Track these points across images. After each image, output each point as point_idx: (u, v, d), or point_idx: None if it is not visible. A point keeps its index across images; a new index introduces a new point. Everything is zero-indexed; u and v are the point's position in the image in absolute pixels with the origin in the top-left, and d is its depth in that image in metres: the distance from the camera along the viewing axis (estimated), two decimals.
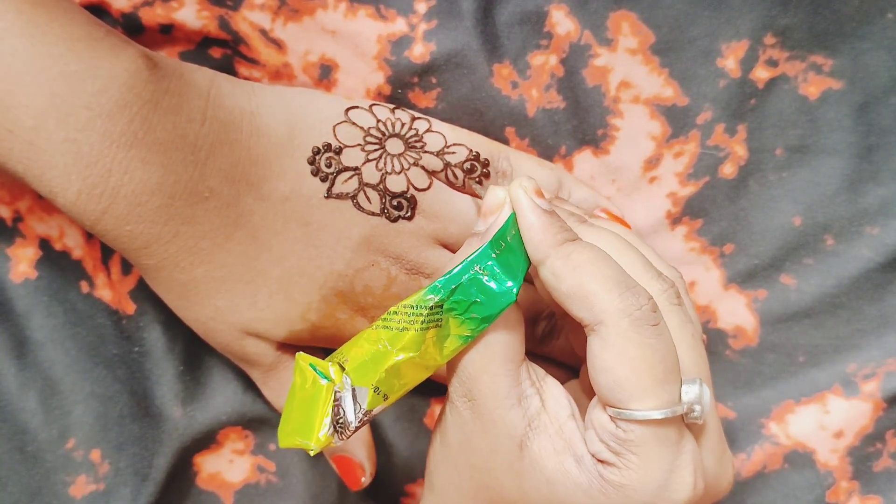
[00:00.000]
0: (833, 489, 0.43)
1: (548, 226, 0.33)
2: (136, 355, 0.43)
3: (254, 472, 0.44)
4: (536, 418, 0.33)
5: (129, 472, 0.42)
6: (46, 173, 0.34)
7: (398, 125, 0.39)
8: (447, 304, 0.33)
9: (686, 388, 0.32)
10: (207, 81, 0.37)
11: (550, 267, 0.33)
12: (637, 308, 0.32)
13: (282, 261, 0.37)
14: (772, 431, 0.43)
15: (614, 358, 0.31)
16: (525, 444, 0.33)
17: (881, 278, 0.43)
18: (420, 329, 0.32)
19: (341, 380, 0.32)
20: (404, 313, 0.33)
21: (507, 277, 0.33)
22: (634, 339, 0.31)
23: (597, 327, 0.32)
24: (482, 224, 0.35)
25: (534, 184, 0.34)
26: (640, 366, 0.31)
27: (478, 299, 0.33)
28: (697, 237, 0.43)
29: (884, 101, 0.42)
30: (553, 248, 0.33)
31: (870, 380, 0.42)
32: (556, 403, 0.34)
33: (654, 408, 0.31)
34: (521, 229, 0.34)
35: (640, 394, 0.31)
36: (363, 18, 0.41)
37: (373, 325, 0.34)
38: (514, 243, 0.34)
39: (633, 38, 0.42)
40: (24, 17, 0.33)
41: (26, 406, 0.42)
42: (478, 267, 0.33)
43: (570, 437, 0.33)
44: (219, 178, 0.36)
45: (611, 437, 0.32)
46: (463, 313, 0.33)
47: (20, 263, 0.42)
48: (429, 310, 0.32)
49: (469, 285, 0.33)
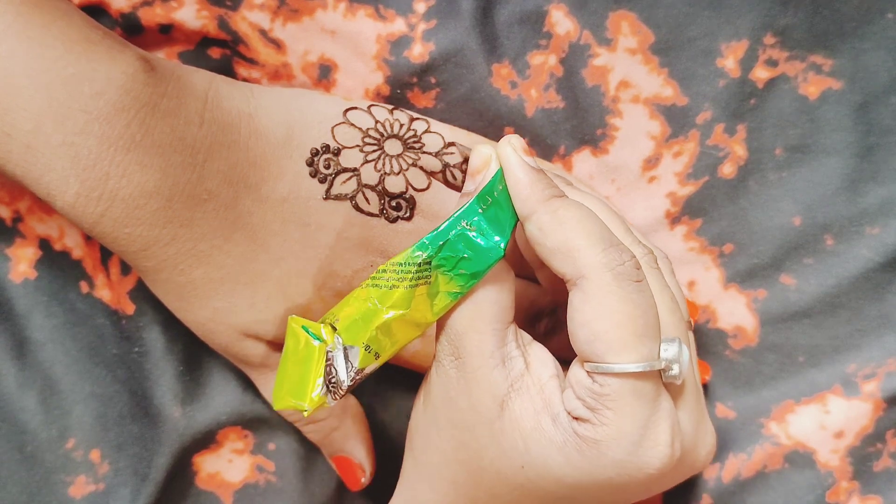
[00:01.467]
0: (833, 489, 0.43)
1: (535, 181, 0.34)
2: (135, 355, 0.43)
3: (253, 472, 0.44)
4: (519, 379, 0.34)
5: (128, 472, 0.42)
6: (44, 176, 0.34)
7: (396, 126, 0.39)
8: (435, 261, 0.33)
9: (665, 345, 0.32)
10: (205, 83, 0.36)
11: (537, 222, 0.33)
12: (620, 263, 0.32)
13: (280, 262, 0.37)
14: (772, 431, 0.43)
15: (594, 311, 0.32)
16: (506, 403, 0.33)
17: (881, 278, 0.42)
18: (409, 286, 0.33)
19: (333, 341, 0.33)
20: (393, 271, 0.33)
21: (494, 232, 0.33)
22: (616, 292, 0.31)
23: (579, 281, 0.32)
24: (470, 184, 0.35)
25: (522, 142, 0.35)
26: (619, 319, 0.31)
27: (466, 255, 0.33)
28: (697, 237, 0.43)
29: (884, 101, 0.42)
30: (540, 204, 0.33)
31: (870, 380, 0.42)
32: (541, 364, 0.34)
33: (632, 361, 0.31)
34: (509, 185, 0.34)
35: (619, 347, 0.31)
36: (362, 18, 0.41)
37: (363, 284, 0.34)
38: (502, 199, 0.34)
39: (632, 38, 0.41)
40: (22, 19, 0.33)
41: (26, 406, 0.42)
42: (465, 222, 0.33)
43: (549, 397, 0.33)
44: (217, 180, 0.36)
45: (587, 393, 0.32)
46: (451, 269, 0.33)
47: (20, 263, 0.42)
48: (417, 266, 0.33)
49: (457, 241, 0.33)
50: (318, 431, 0.41)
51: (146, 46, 0.41)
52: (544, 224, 0.33)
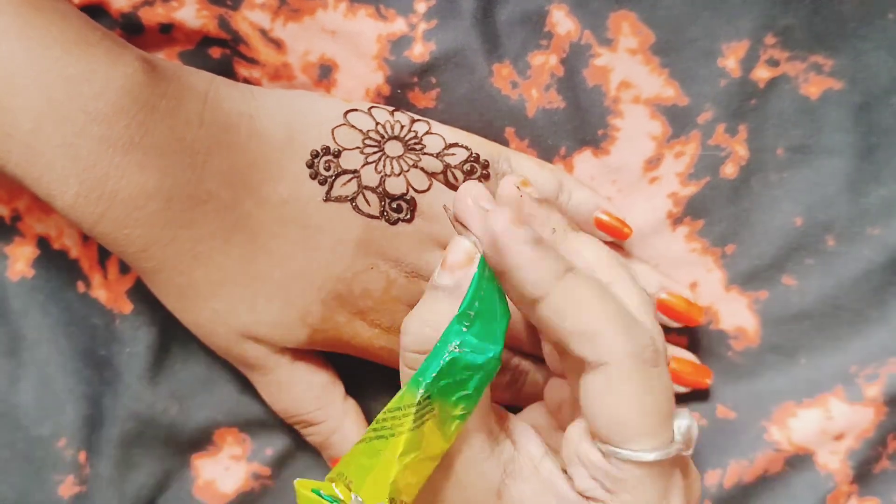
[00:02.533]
0: (834, 493, 0.43)
1: (542, 259, 0.31)
2: (128, 356, 0.43)
3: (248, 481, 0.44)
4: (511, 463, 0.33)
5: (115, 475, 0.42)
6: (44, 176, 0.34)
7: (397, 127, 0.39)
8: (435, 393, 0.31)
9: (678, 422, 0.32)
10: (205, 84, 0.36)
11: (552, 305, 0.31)
12: (643, 350, 0.31)
13: (280, 264, 0.37)
14: (772, 433, 0.43)
15: (618, 398, 0.31)
16: (502, 491, 0.33)
17: (882, 279, 0.42)
18: (413, 428, 0.31)
19: (350, 500, 0.31)
20: (392, 417, 0.31)
21: (485, 344, 0.32)
22: (638, 381, 0.31)
23: (601, 367, 0.31)
24: (447, 277, 0.33)
25: (512, 214, 0.31)
26: (642, 408, 0.31)
27: (464, 376, 0.31)
28: (699, 238, 0.43)
29: (884, 101, 0.42)
30: (552, 285, 0.31)
31: (871, 381, 0.42)
32: (528, 442, 0.34)
33: (654, 448, 0.31)
34: (511, 270, 0.31)
35: (640, 435, 0.31)
36: (363, 18, 0.41)
37: (364, 439, 0.32)
38: (489, 301, 0.32)
39: (633, 38, 0.41)
40: (21, 20, 0.33)
41: (19, 403, 0.42)
42: (452, 346, 0.31)
43: (549, 478, 0.33)
44: (217, 181, 0.36)
45: (603, 475, 0.32)
46: (454, 395, 0.31)
47: (17, 262, 0.42)
48: (417, 405, 0.31)
49: (450, 368, 0.31)
50: (319, 434, 0.41)
51: (146, 46, 0.41)
52: (560, 307, 0.31)
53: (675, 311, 0.42)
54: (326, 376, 0.41)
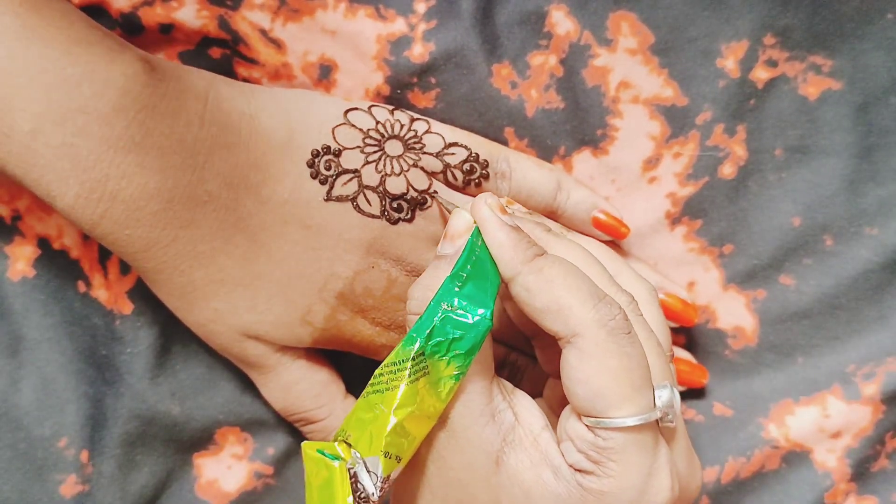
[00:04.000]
0: (832, 491, 0.43)
1: (517, 242, 0.34)
2: (129, 356, 0.43)
3: (250, 480, 0.44)
4: (511, 432, 0.34)
5: (118, 474, 0.42)
6: (44, 177, 0.34)
7: (397, 126, 0.39)
8: (428, 350, 0.33)
9: (658, 392, 0.33)
10: (205, 84, 0.36)
11: (523, 283, 0.33)
12: (611, 318, 0.32)
13: (281, 263, 0.37)
14: (770, 431, 0.43)
15: (592, 368, 0.32)
16: (501, 458, 0.33)
17: (880, 279, 0.43)
18: (409, 382, 0.32)
19: (350, 456, 0.32)
20: (389, 372, 0.33)
21: (477, 306, 0.33)
22: (611, 348, 0.32)
23: (573, 339, 0.32)
24: (449, 246, 0.35)
25: (497, 200, 0.35)
26: (617, 374, 0.32)
27: (456, 335, 0.33)
28: (697, 237, 0.43)
29: (883, 102, 0.42)
30: (524, 264, 0.33)
31: (869, 380, 0.42)
32: (530, 415, 0.34)
33: (633, 414, 0.32)
34: (490, 247, 0.34)
35: (619, 402, 0.32)
36: (363, 18, 0.41)
37: (363, 394, 0.33)
38: (481, 266, 0.34)
39: (632, 39, 0.41)
40: (21, 20, 0.33)
41: (20, 403, 0.42)
42: (445, 304, 0.33)
43: (546, 449, 0.34)
44: (217, 181, 0.36)
45: (589, 447, 0.32)
46: (446, 353, 0.33)
47: (18, 262, 0.42)
48: (412, 361, 0.32)
49: (443, 325, 0.33)
50: (320, 432, 0.41)
51: (146, 46, 0.41)
52: (530, 285, 0.33)
53: (671, 311, 0.42)
54: (327, 374, 0.41)
